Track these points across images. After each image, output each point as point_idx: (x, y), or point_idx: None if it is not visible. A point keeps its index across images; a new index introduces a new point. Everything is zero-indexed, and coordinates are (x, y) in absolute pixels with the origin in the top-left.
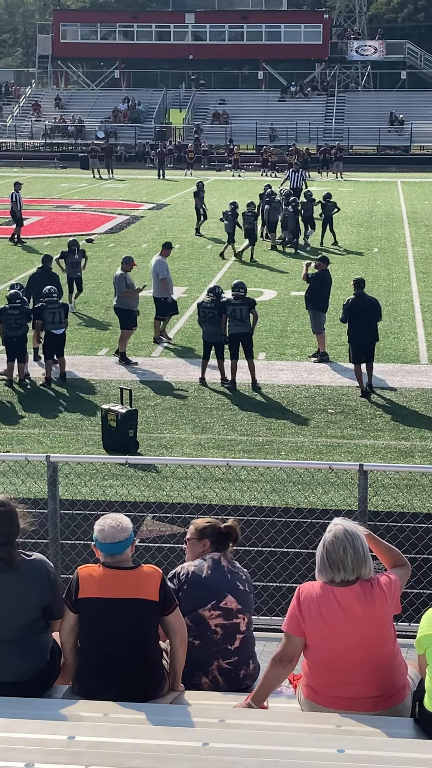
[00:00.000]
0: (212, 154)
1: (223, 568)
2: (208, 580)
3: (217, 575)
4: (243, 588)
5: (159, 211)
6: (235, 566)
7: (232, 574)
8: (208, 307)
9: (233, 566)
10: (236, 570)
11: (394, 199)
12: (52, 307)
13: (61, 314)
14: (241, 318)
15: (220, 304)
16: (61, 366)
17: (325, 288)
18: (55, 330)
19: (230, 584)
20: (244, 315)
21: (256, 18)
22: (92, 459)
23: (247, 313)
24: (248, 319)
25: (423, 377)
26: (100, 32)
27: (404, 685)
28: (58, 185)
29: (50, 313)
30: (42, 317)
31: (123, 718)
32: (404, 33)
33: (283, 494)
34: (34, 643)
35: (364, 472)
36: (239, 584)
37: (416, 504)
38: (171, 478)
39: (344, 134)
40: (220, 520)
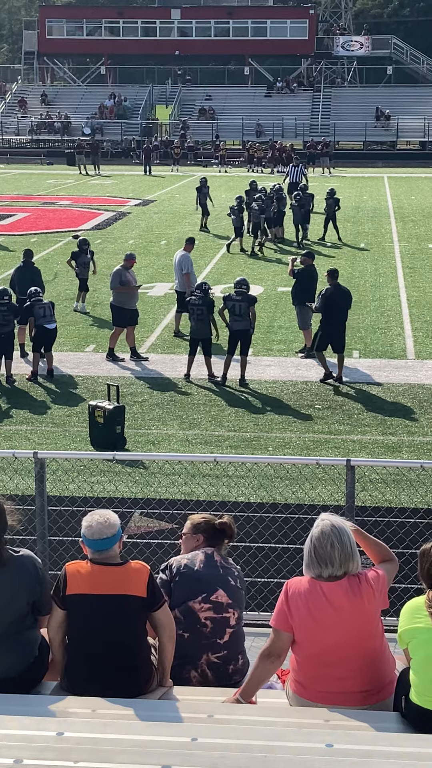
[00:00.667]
0: (198, 150)
1: (215, 562)
2: (200, 573)
3: (209, 569)
4: (235, 583)
5: (145, 207)
6: (228, 562)
7: (224, 569)
8: (196, 303)
9: (226, 562)
10: (229, 565)
11: (381, 195)
12: (40, 303)
13: (51, 308)
14: (240, 314)
15: (207, 300)
16: (48, 361)
17: (311, 283)
18: (48, 324)
19: (222, 579)
20: (243, 311)
21: (242, 14)
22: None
23: (246, 310)
24: (248, 316)
25: (410, 372)
26: (86, 28)
27: (392, 680)
28: (44, 181)
29: (40, 308)
30: (33, 313)
31: (111, 713)
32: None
33: (270, 490)
34: (21, 640)
35: (351, 467)
36: (231, 579)
37: (403, 499)
38: (159, 474)
39: (330, 130)
40: (216, 516)
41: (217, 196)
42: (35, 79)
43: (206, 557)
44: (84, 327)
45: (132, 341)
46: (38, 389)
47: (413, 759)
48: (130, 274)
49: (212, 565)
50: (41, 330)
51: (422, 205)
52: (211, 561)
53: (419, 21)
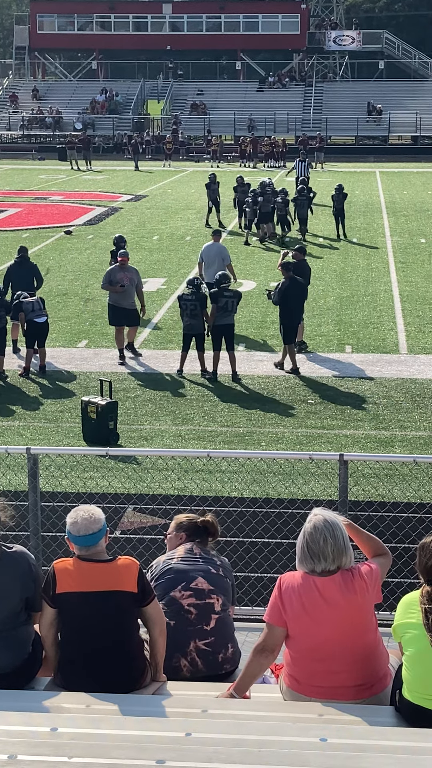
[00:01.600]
0: (190, 145)
1: (195, 554)
2: (179, 565)
3: (188, 561)
4: (216, 572)
5: (138, 203)
6: (209, 553)
7: (204, 560)
8: (189, 299)
9: (207, 554)
10: (210, 557)
11: (373, 189)
12: (27, 301)
13: (40, 303)
14: (232, 310)
15: (200, 295)
16: (41, 357)
17: (303, 278)
18: (37, 318)
19: (201, 568)
20: (234, 307)
21: (234, 8)
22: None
23: (236, 306)
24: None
25: (402, 367)
26: (77, 23)
27: (386, 674)
28: (36, 177)
29: (29, 303)
30: (22, 308)
31: (105, 709)
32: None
33: (263, 485)
34: (15, 635)
35: (344, 462)
36: (212, 568)
37: (396, 493)
38: (151, 470)
39: (322, 124)
40: (200, 514)
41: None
42: (26, 74)
43: (185, 551)
44: (77, 323)
45: (131, 337)
46: (31, 385)
47: (407, 753)
48: (124, 273)
49: (191, 557)
50: (31, 324)
51: (414, 200)
52: (191, 554)
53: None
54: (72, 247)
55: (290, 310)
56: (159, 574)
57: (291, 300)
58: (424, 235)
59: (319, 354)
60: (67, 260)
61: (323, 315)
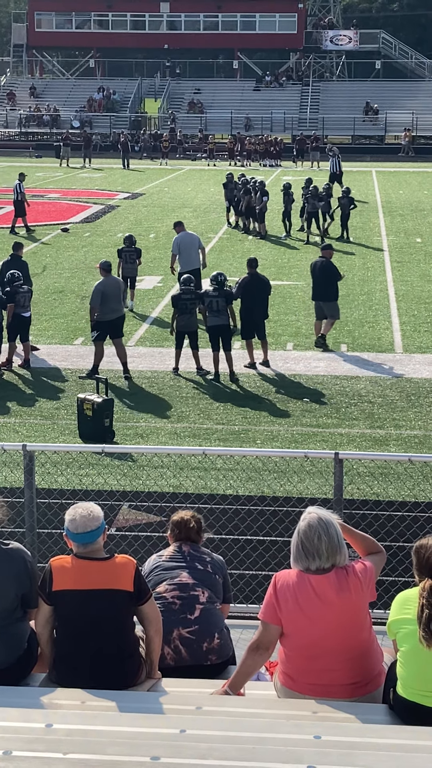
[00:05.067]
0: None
1: (183, 553)
2: (165, 563)
3: (174, 559)
4: (203, 568)
5: (134, 201)
6: (199, 551)
7: (191, 557)
8: (186, 297)
9: (196, 551)
10: (199, 554)
11: (369, 189)
12: (22, 291)
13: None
14: (218, 310)
15: (197, 294)
16: (25, 351)
17: (324, 277)
18: (24, 313)
19: (187, 565)
20: (221, 307)
21: (231, 7)
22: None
23: (224, 306)
24: (225, 312)
25: (398, 366)
26: (74, 21)
27: (380, 672)
28: (33, 174)
29: (22, 297)
30: (14, 300)
31: (100, 705)
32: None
33: (258, 482)
34: (11, 632)
35: (339, 460)
36: (198, 564)
37: (391, 492)
38: (147, 467)
39: (319, 124)
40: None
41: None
42: (24, 72)
43: (174, 550)
44: (73, 320)
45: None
46: (27, 382)
47: (400, 751)
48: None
49: (178, 555)
50: (17, 318)
51: (410, 200)
52: (179, 552)
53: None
54: (69, 245)
55: (249, 305)
56: (148, 572)
57: (250, 295)
58: (419, 235)
59: (315, 352)
60: (64, 257)
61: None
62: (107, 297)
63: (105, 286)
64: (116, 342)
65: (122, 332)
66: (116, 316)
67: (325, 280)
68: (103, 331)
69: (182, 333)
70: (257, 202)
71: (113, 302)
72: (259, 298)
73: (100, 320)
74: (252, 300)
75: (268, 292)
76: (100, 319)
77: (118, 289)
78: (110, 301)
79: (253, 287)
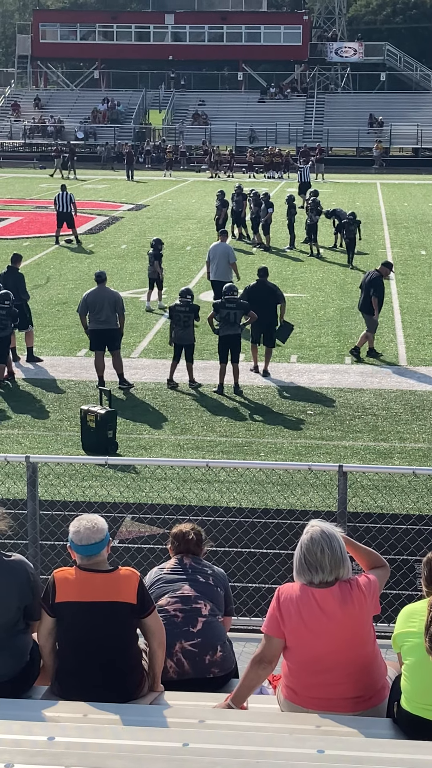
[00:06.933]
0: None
1: (185, 565)
2: (167, 576)
3: (176, 572)
4: (205, 581)
5: (138, 212)
6: (200, 563)
7: (193, 570)
8: (182, 310)
9: (198, 564)
10: (201, 566)
11: (374, 201)
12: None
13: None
14: (234, 321)
15: (193, 306)
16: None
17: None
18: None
19: (189, 578)
20: (238, 319)
21: (236, 19)
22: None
23: (241, 317)
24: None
25: (402, 379)
26: (79, 32)
27: (384, 686)
28: (37, 185)
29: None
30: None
31: (102, 718)
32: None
33: (262, 495)
34: (13, 644)
35: (343, 473)
36: (200, 577)
37: (395, 505)
38: (150, 479)
39: (324, 135)
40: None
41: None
42: (29, 83)
43: (175, 563)
44: (77, 331)
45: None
46: (30, 393)
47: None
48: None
49: (180, 568)
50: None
51: (415, 212)
52: (180, 565)
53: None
54: (72, 256)
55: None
56: (149, 585)
57: (255, 302)
58: (424, 247)
59: (319, 365)
60: (68, 269)
61: (323, 326)
62: (91, 306)
63: (89, 296)
64: (112, 354)
65: (117, 345)
66: (102, 328)
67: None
68: (91, 341)
69: (180, 346)
70: (262, 213)
71: (97, 312)
72: (265, 305)
73: (90, 329)
74: (257, 307)
75: (276, 301)
76: (90, 328)
77: (105, 300)
78: (94, 311)
79: (259, 294)
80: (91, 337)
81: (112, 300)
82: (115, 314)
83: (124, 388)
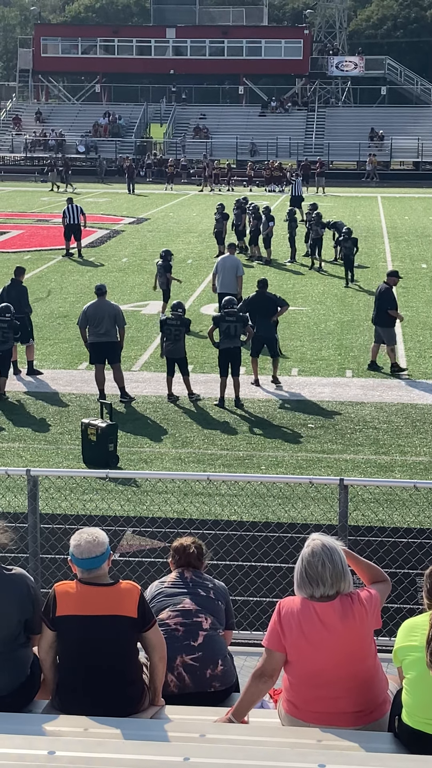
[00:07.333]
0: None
1: (186, 579)
2: (167, 589)
3: (176, 585)
4: (206, 594)
5: (139, 225)
6: (201, 577)
7: (194, 584)
8: (173, 324)
9: (199, 577)
10: (201, 580)
11: (374, 214)
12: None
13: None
14: (235, 334)
15: (185, 320)
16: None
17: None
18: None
19: (190, 591)
20: (238, 332)
21: (237, 33)
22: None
23: (241, 330)
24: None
25: (403, 392)
26: (81, 46)
27: (385, 700)
28: (38, 199)
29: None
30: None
31: (103, 732)
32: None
33: (263, 508)
34: (14, 658)
35: (344, 486)
36: (201, 590)
37: (396, 518)
38: (151, 493)
39: (324, 149)
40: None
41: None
42: (30, 97)
43: (176, 576)
44: (77, 345)
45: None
46: (31, 407)
47: None
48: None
49: (181, 581)
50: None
51: (415, 225)
52: (181, 578)
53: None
54: (74, 269)
55: (255, 321)
56: (150, 598)
57: (253, 313)
58: (425, 261)
59: (320, 378)
60: (69, 282)
61: (324, 339)
62: (91, 319)
63: (89, 309)
64: (112, 367)
65: (117, 357)
66: (102, 341)
67: (381, 305)
68: (91, 354)
69: (172, 360)
70: (263, 227)
71: (96, 325)
72: (266, 316)
73: (90, 342)
74: (258, 317)
75: (274, 311)
76: (90, 341)
77: (104, 313)
78: (94, 324)
79: (257, 305)
80: (91, 350)
81: (112, 313)
82: (115, 327)
83: (125, 402)
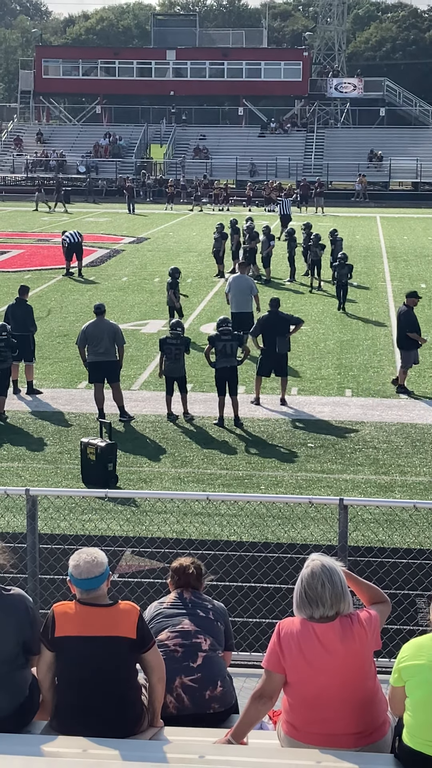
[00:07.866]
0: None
1: (185, 599)
2: (167, 610)
3: (176, 606)
4: (205, 615)
5: (139, 245)
6: (200, 598)
7: (193, 604)
8: (173, 343)
9: (198, 598)
10: (200, 601)
11: (374, 234)
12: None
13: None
14: (231, 354)
15: (184, 339)
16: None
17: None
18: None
19: (189, 612)
20: (234, 351)
21: (237, 55)
22: (71, 492)
23: (237, 349)
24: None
25: (402, 412)
26: (81, 68)
27: (385, 721)
28: (39, 219)
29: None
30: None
31: (102, 754)
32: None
33: (263, 529)
34: (12, 679)
35: (344, 506)
36: (200, 611)
37: (396, 539)
38: (150, 513)
39: (324, 170)
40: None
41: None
42: (31, 118)
43: (176, 597)
44: (77, 364)
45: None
46: (30, 426)
47: None
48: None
49: (180, 602)
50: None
51: (414, 245)
52: (180, 599)
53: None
54: (74, 289)
55: (266, 342)
56: (149, 619)
57: (267, 333)
58: (424, 280)
59: (319, 397)
60: (69, 301)
61: (323, 358)
62: (90, 338)
63: (88, 328)
64: (111, 386)
65: (116, 376)
66: (101, 360)
67: (401, 327)
68: (90, 373)
69: (171, 378)
70: (263, 246)
71: (95, 344)
72: (277, 334)
73: (89, 361)
74: (270, 337)
75: (287, 330)
76: (89, 360)
77: (103, 332)
78: (93, 343)
79: (271, 325)
80: (90, 369)
81: (111, 332)
82: (114, 346)
83: (125, 421)
